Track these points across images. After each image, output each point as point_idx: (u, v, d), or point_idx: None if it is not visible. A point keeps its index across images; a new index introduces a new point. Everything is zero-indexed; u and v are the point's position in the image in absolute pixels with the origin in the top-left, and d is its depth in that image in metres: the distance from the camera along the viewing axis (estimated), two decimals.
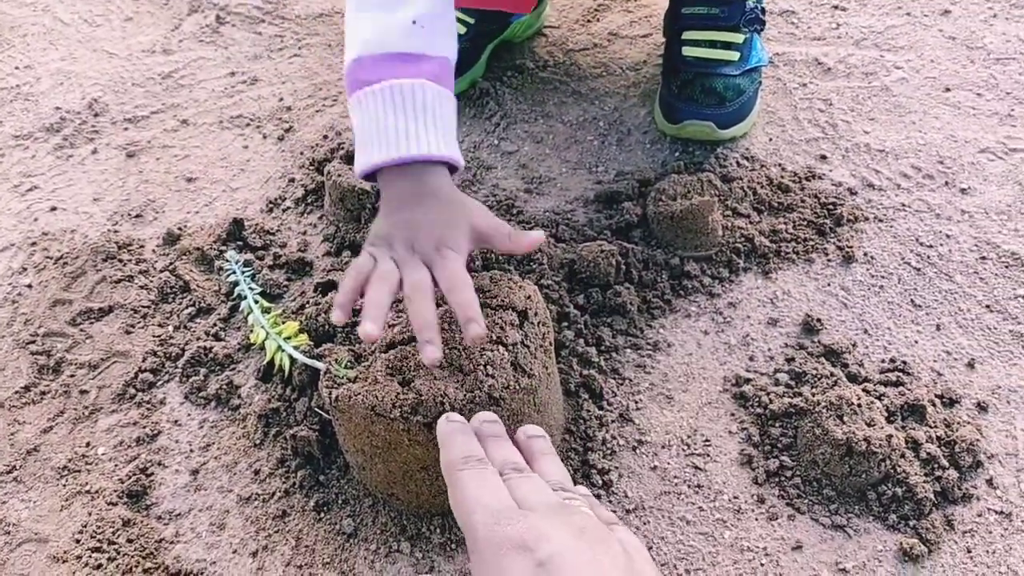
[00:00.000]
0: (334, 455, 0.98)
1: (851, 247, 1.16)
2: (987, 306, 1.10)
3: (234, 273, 1.17)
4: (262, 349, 1.07)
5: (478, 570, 0.51)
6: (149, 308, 1.17)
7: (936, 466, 0.93)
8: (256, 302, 1.11)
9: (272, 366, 1.04)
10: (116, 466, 1.02)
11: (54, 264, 1.23)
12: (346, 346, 0.94)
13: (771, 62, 1.43)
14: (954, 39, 1.48)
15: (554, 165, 1.32)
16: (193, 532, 0.96)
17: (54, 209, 1.32)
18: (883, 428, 0.93)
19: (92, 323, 1.16)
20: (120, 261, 1.22)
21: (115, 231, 1.27)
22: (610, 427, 1.00)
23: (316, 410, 0.98)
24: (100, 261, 1.22)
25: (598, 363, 1.06)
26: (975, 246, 1.16)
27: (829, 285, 1.14)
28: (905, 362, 1.04)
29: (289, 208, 1.29)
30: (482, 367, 0.83)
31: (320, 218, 1.26)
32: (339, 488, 0.96)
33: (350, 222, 1.22)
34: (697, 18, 1.29)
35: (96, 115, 1.47)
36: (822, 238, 1.18)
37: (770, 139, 1.33)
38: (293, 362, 1.00)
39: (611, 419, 1.01)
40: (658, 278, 1.14)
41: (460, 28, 1.40)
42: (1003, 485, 0.93)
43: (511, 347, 0.85)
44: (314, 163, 1.34)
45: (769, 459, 0.96)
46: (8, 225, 1.30)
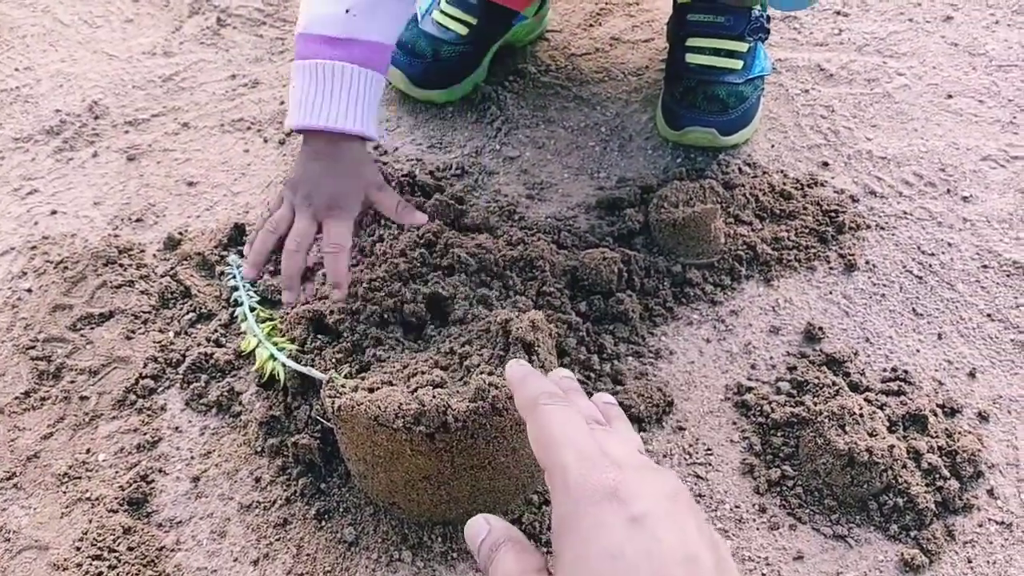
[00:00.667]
0: (335, 463, 0.98)
1: (853, 255, 1.16)
2: (989, 315, 1.10)
3: (234, 278, 1.16)
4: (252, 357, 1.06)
5: (565, 511, 0.49)
6: (150, 313, 1.17)
7: (937, 476, 0.94)
8: (252, 309, 1.11)
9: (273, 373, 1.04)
10: (117, 473, 1.02)
11: (54, 269, 1.22)
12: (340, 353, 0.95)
13: (774, 69, 1.43)
14: (956, 45, 1.48)
15: (556, 171, 1.32)
16: (194, 540, 0.96)
17: (54, 213, 1.32)
18: (885, 438, 0.93)
19: (92, 328, 1.15)
20: (121, 266, 1.22)
21: (116, 235, 1.27)
22: None
23: (317, 418, 0.98)
24: (101, 266, 1.21)
25: (600, 370, 1.06)
26: (977, 254, 1.16)
27: (831, 293, 1.14)
28: (907, 371, 1.04)
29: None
30: (485, 375, 0.83)
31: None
32: (340, 496, 0.96)
33: None
34: (702, 25, 1.29)
35: (96, 118, 1.47)
36: (824, 246, 1.18)
37: (772, 145, 1.33)
38: (285, 369, 1.00)
39: None
40: (660, 285, 1.14)
41: (462, 29, 1.40)
42: (1004, 495, 0.94)
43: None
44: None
45: (771, 468, 0.96)
46: (8, 229, 1.30)
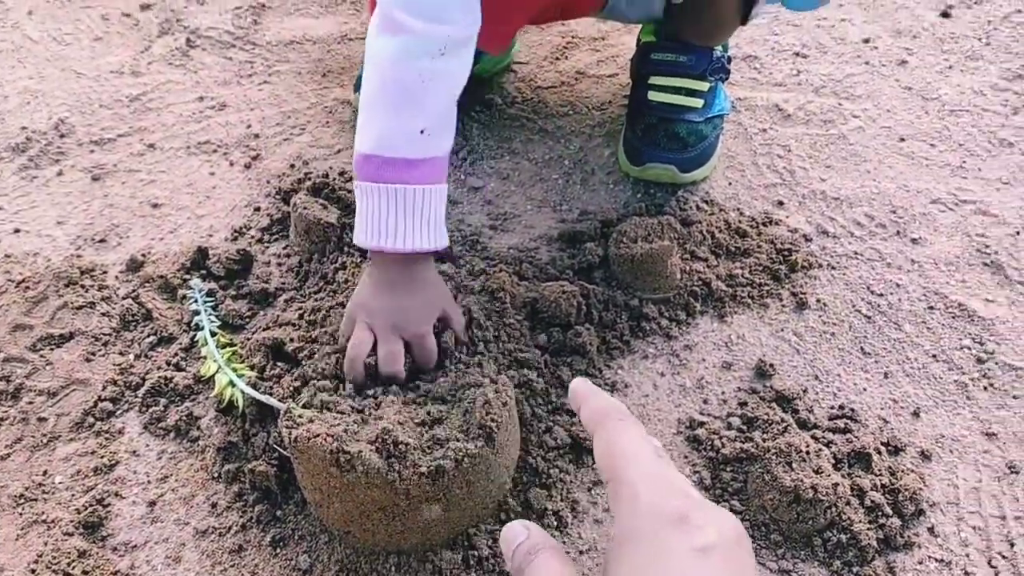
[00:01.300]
0: (291, 490, 0.99)
1: (804, 293, 1.20)
2: (934, 356, 1.13)
3: (196, 302, 1.17)
4: (212, 382, 1.07)
5: (631, 527, 0.48)
6: (110, 336, 1.17)
7: (880, 514, 0.96)
8: (213, 334, 1.11)
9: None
10: (73, 495, 1.02)
11: (15, 288, 1.22)
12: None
13: (733, 108, 1.47)
14: (910, 89, 1.53)
15: (519, 202, 1.34)
16: (149, 565, 0.96)
17: (17, 231, 1.32)
18: (830, 476, 0.95)
19: (53, 349, 1.16)
20: (82, 287, 1.22)
21: (78, 256, 1.27)
22: (566, 467, 1.01)
23: (275, 447, 0.99)
24: (62, 286, 1.22)
25: (557, 403, 1.07)
26: (923, 296, 1.20)
27: (782, 330, 1.17)
28: (853, 409, 1.07)
29: (254, 237, 1.29)
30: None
31: (285, 248, 1.27)
32: (296, 524, 0.97)
33: (315, 254, 1.23)
34: (665, 64, 1.32)
35: (62, 136, 1.47)
36: (777, 283, 1.22)
37: (730, 183, 1.36)
38: (244, 396, 1.01)
39: (568, 459, 1.02)
40: (618, 319, 1.16)
41: None
42: (944, 533, 0.97)
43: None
44: (280, 192, 1.35)
45: (719, 503, 0.99)
46: None
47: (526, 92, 1.53)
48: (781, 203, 1.33)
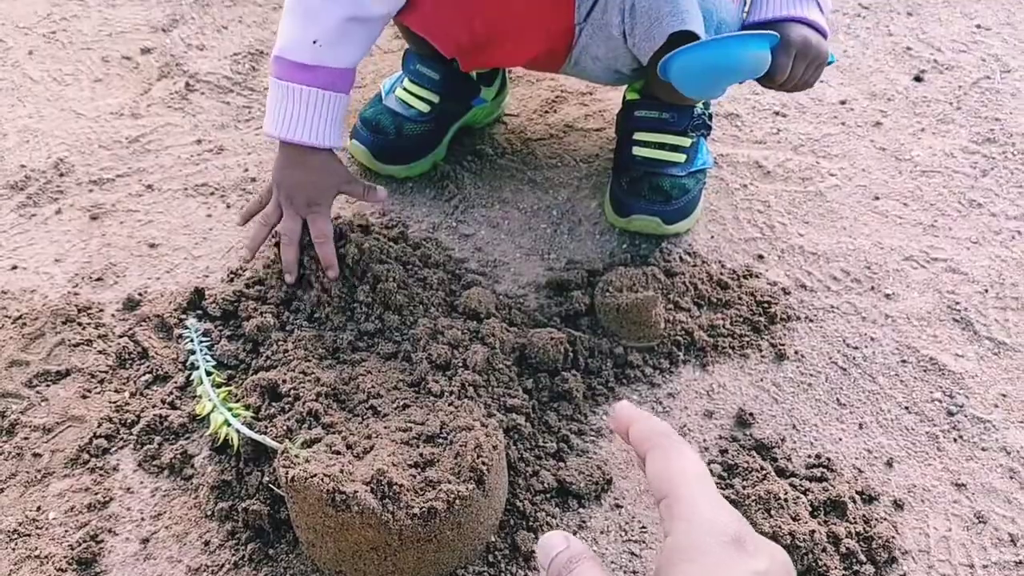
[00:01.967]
0: (284, 529, 1.01)
1: (783, 345, 1.24)
2: (906, 407, 1.18)
3: (191, 342, 1.20)
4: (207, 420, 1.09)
5: (686, 542, 0.49)
6: (106, 373, 1.19)
7: (855, 561, 1.00)
8: (209, 373, 1.14)
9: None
10: (67, 531, 1.03)
11: (12, 324, 1.24)
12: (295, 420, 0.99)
13: (715, 163, 1.52)
14: (884, 150, 1.59)
15: (508, 250, 1.38)
16: None
17: (15, 268, 1.34)
18: (807, 523, 0.99)
19: (48, 386, 1.18)
20: (79, 324, 1.24)
21: (75, 293, 1.30)
22: (552, 511, 1.04)
23: (270, 486, 1.01)
24: (59, 323, 1.24)
25: (544, 447, 1.11)
26: (897, 349, 1.25)
27: (762, 380, 1.21)
28: (829, 458, 1.11)
29: (250, 279, 1.32)
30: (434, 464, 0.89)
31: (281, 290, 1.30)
32: (288, 563, 0.99)
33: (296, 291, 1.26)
34: (648, 121, 1.38)
35: (62, 175, 1.50)
36: (757, 335, 1.26)
37: (712, 236, 1.41)
38: (239, 436, 1.04)
39: (554, 502, 1.05)
40: (603, 366, 1.20)
41: (424, 106, 1.47)
42: None
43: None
44: (276, 235, 1.38)
45: None
46: None
47: (516, 144, 1.58)
48: (761, 257, 1.38)
